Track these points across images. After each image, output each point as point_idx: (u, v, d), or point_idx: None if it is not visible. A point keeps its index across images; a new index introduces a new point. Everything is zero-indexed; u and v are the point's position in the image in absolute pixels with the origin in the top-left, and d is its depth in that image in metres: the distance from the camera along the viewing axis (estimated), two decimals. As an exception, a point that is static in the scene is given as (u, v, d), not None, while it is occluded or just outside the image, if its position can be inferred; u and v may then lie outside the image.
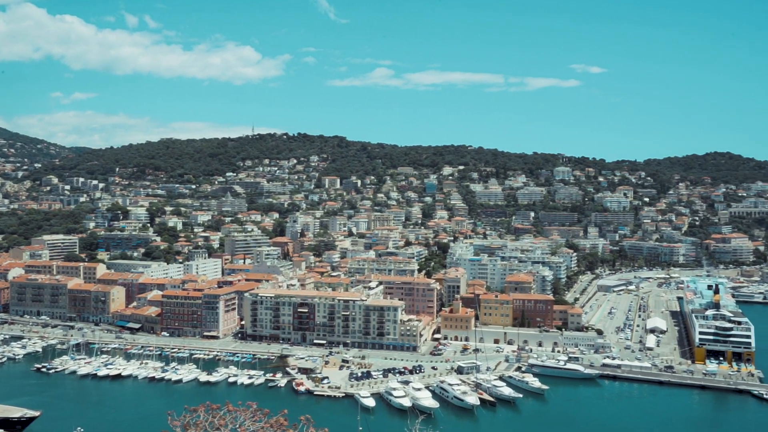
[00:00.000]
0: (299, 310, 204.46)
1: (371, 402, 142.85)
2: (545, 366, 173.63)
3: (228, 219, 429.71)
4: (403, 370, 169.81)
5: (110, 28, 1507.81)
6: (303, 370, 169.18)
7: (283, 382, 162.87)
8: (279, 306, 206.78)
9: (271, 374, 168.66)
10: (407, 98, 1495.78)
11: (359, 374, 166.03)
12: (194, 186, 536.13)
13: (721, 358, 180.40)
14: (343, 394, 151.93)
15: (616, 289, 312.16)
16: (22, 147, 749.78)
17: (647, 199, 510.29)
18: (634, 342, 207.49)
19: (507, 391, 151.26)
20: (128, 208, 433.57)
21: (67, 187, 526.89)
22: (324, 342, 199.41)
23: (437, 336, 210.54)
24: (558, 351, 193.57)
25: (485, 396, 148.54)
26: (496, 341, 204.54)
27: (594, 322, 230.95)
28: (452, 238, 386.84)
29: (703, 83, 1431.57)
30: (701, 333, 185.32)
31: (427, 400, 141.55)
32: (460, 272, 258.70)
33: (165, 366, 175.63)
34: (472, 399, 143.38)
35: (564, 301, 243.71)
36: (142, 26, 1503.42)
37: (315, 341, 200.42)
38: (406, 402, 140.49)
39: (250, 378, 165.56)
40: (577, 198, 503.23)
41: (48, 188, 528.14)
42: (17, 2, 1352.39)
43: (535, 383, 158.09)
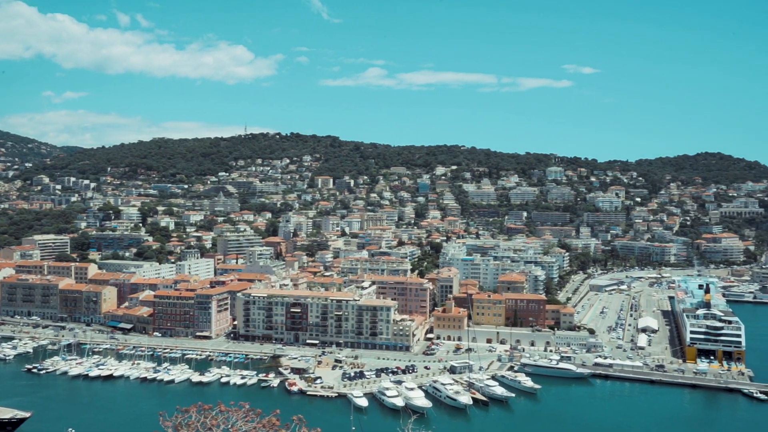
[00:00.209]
0: (292, 310, 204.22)
1: (364, 402, 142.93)
2: (537, 365, 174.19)
3: (220, 219, 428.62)
4: (396, 370, 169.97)
5: (102, 27, 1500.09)
6: (296, 370, 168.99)
7: (276, 382, 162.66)
8: (272, 306, 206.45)
9: (264, 374, 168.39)
10: (400, 98, 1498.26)
11: (352, 374, 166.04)
12: (186, 186, 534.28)
13: (712, 357, 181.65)
14: (336, 394, 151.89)
15: (608, 289, 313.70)
16: (13, 146, 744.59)
17: (639, 199, 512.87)
18: (626, 341, 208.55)
19: (499, 391, 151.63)
20: (120, 208, 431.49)
21: (59, 187, 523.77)
22: (317, 342, 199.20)
23: (430, 336, 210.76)
24: (550, 350, 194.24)
25: (478, 395, 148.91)
26: (489, 341, 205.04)
27: (586, 322, 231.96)
28: (445, 238, 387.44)
29: (694, 84, 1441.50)
30: (692, 332, 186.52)
31: (420, 400, 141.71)
32: (453, 272, 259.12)
33: (157, 366, 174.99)
34: (465, 398, 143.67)
35: (556, 301, 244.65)
36: (134, 25, 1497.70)
37: (308, 341, 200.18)
38: (399, 402, 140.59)
39: (243, 378, 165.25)
40: (569, 198, 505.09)
41: (39, 188, 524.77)
42: (8, 0, 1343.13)
43: (528, 383, 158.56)
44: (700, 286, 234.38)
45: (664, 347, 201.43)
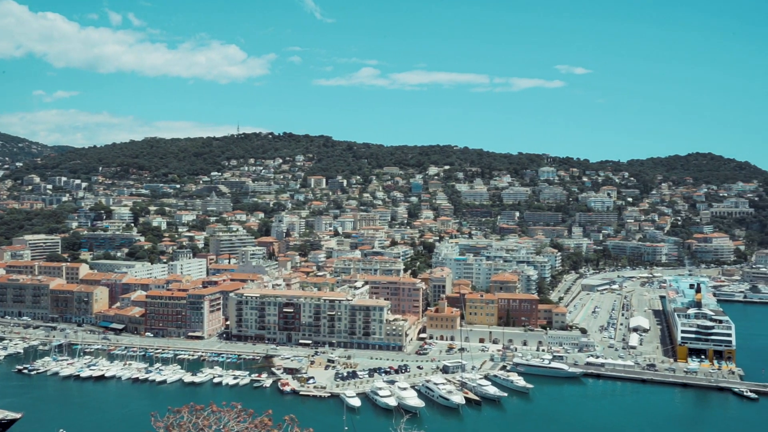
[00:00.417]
0: (285, 310, 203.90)
1: (357, 402, 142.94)
2: (530, 365, 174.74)
3: (213, 219, 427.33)
4: (389, 370, 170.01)
5: (93, 26, 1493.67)
6: (288, 370, 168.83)
7: (269, 383, 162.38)
8: (264, 306, 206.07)
9: (257, 374, 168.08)
10: (393, 98, 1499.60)
11: (345, 374, 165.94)
12: (179, 185, 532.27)
13: (703, 357, 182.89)
14: (329, 394, 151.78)
15: (600, 289, 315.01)
16: (3, 146, 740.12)
17: (630, 199, 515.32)
18: (618, 341, 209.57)
19: (492, 390, 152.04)
20: (112, 208, 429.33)
21: (50, 187, 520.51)
22: (310, 342, 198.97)
23: (423, 335, 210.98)
24: (542, 350, 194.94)
25: (470, 395, 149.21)
26: (482, 340, 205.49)
27: (578, 321, 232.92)
28: (438, 238, 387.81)
29: (685, 85, 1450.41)
30: (683, 331, 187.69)
31: (413, 400, 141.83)
32: (446, 272, 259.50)
33: (149, 367, 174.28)
34: (458, 398, 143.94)
35: (548, 301, 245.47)
36: (126, 24, 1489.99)
37: (300, 341, 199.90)
38: (392, 401, 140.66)
39: (236, 378, 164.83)
40: (562, 198, 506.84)
41: (30, 187, 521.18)
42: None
43: (520, 382, 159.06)
44: (691, 286, 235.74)
45: (656, 346, 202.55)
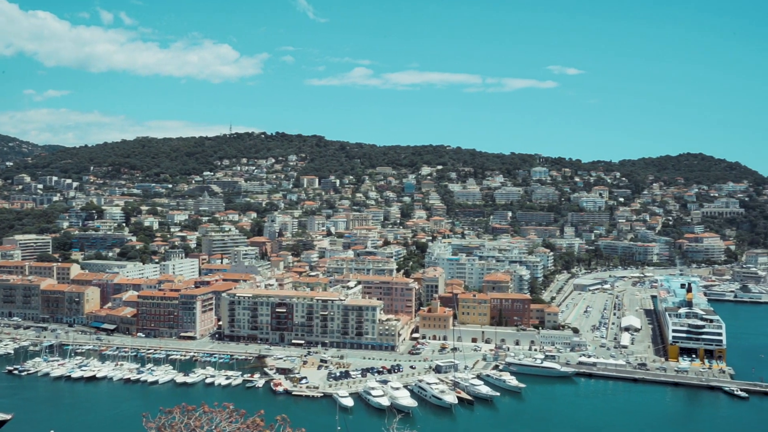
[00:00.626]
0: (277, 310, 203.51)
1: (349, 402, 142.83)
2: (522, 364, 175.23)
3: (205, 218, 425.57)
4: (382, 370, 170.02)
5: (84, 25, 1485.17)
6: (281, 371, 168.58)
7: (261, 383, 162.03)
8: (257, 306, 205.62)
9: (249, 375, 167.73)
10: (386, 98, 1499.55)
11: (338, 374, 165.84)
12: (171, 185, 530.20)
13: (694, 356, 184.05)
14: (322, 394, 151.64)
15: (592, 288, 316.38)
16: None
17: (622, 199, 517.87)
18: (609, 340, 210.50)
19: (485, 390, 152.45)
20: (103, 208, 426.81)
21: (40, 186, 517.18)
22: (302, 342, 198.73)
23: (416, 335, 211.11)
24: (535, 349, 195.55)
25: (463, 395, 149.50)
26: (474, 340, 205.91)
27: (570, 321, 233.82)
28: (430, 238, 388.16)
29: (677, 85, 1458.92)
30: (674, 331, 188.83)
31: (406, 399, 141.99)
32: (439, 272, 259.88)
33: (141, 367, 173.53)
34: (450, 398, 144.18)
35: (541, 300, 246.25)
36: (118, 23, 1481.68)
37: (293, 341, 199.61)
38: (385, 401, 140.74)
39: (228, 379, 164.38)
40: (554, 198, 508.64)
41: (20, 187, 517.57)
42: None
43: (513, 381, 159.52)
44: (682, 286, 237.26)
45: (647, 346, 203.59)
